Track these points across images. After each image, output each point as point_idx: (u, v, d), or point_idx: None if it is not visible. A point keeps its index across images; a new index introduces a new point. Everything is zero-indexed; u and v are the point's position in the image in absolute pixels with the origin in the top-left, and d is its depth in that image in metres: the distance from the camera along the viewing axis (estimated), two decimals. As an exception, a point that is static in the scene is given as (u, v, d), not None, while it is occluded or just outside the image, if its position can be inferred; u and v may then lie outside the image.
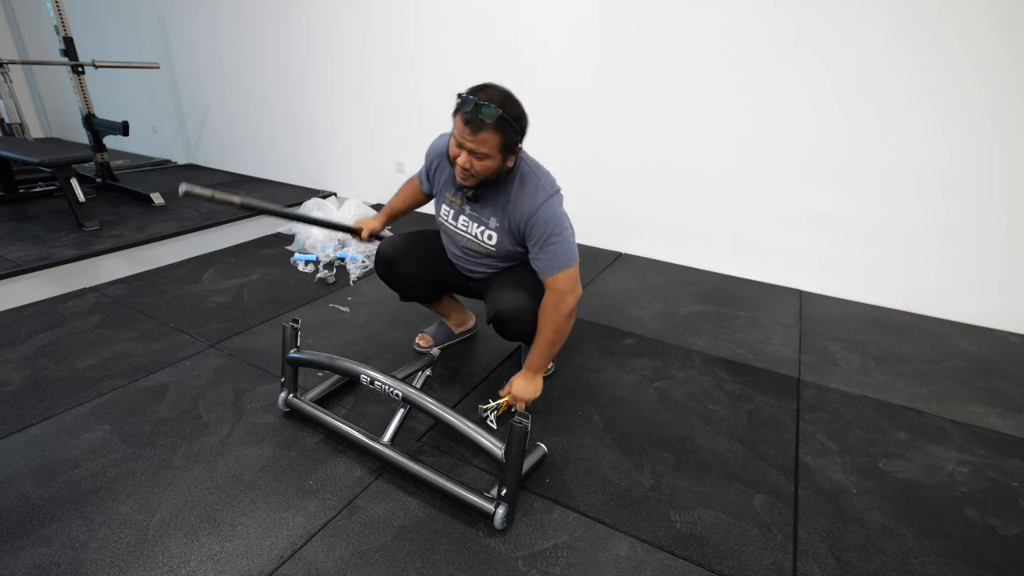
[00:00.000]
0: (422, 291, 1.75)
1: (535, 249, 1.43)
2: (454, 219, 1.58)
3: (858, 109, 2.22)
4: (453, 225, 1.59)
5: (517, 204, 1.42)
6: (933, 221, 2.23)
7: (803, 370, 1.89)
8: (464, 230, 1.57)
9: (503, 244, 1.51)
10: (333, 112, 3.75)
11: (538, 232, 1.40)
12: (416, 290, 1.74)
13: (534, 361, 1.48)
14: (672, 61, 2.51)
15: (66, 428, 1.48)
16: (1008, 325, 2.22)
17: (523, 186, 1.42)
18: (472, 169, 1.33)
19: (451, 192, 1.56)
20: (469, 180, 1.37)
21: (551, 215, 1.40)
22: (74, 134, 5.82)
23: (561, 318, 1.41)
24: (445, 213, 1.61)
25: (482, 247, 1.55)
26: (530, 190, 1.41)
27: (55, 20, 3.45)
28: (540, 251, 1.41)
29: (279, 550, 1.14)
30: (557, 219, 1.41)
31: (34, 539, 1.14)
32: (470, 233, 1.55)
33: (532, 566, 1.12)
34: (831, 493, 1.34)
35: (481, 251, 1.57)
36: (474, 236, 1.55)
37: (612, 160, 2.83)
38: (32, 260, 2.49)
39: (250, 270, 2.60)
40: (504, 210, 1.46)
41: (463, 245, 1.61)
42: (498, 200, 1.46)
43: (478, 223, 1.52)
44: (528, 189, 1.42)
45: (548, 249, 1.40)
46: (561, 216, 1.43)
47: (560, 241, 1.40)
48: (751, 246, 2.63)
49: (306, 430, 1.50)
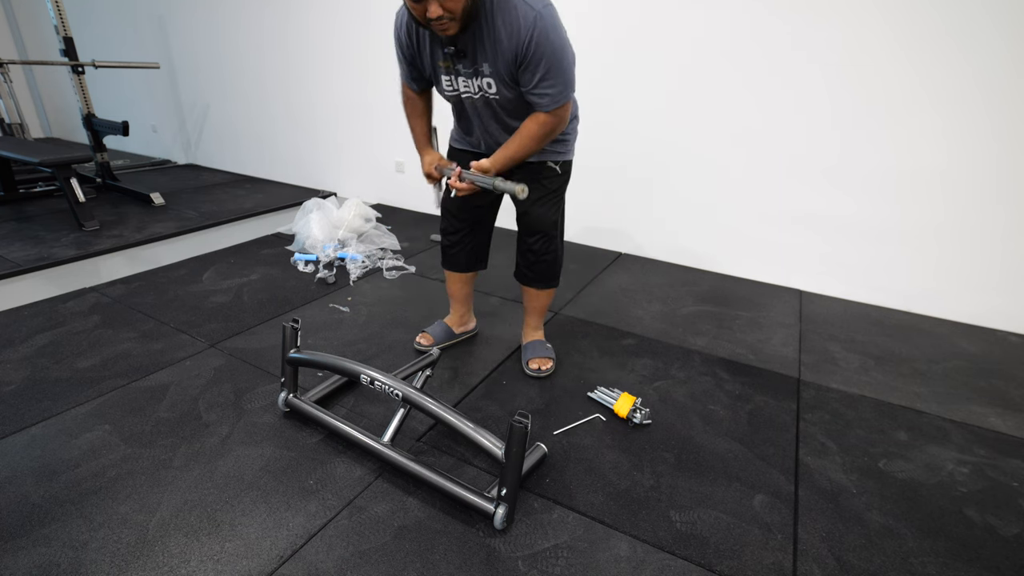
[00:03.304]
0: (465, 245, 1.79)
1: (528, 82, 1.29)
2: (455, 82, 1.44)
3: (857, 109, 2.22)
4: (458, 90, 1.45)
5: (503, 40, 1.26)
6: (933, 221, 2.23)
7: (803, 370, 1.89)
8: (468, 91, 1.43)
9: (503, 92, 1.38)
10: (333, 112, 3.75)
11: (532, 62, 1.26)
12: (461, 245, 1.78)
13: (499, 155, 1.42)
14: (672, 61, 2.51)
15: (66, 428, 1.48)
16: (1008, 325, 2.22)
17: (503, 13, 1.25)
18: (446, 12, 1.19)
19: (440, 58, 1.41)
20: (451, 27, 1.23)
21: (543, 39, 1.23)
22: (74, 134, 5.82)
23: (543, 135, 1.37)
24: (448, 84, 1.46)
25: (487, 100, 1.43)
26: (512, 16, 1.24)
27: (55, 20, 3.45)
28: (535, 86, 1.29)
29: (279, 550, 1.14)
30: (551, 45, 1.24)
31: (34, 539, 1.14)
32: (474, 89, 1.42)
33: (532, 566, 1.12)
34: (831, 493, 1.34)
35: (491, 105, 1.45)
36: (478, 90, 1.41)
37: (612, 160, 2.83)
38: (32, 260, 2.50)
39: (250, 270, 2.60)
40: (492, 51, 1.30)
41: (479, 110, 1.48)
42: (484, 42, 1.30)
43: (475, 76, 1.38)
44: (510, 16, 1.24)
45: (545, 84, 1.28)
46: (557, 39, 1.25)
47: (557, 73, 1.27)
48: (751, 246, 2.63)
49: (306, 430, 1.50)
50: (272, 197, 3.84)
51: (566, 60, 1.30)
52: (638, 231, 2.91)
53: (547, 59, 1.27)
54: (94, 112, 3.74)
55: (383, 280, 2.52)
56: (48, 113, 6.05)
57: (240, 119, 4.33)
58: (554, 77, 1.29)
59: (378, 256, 2.76)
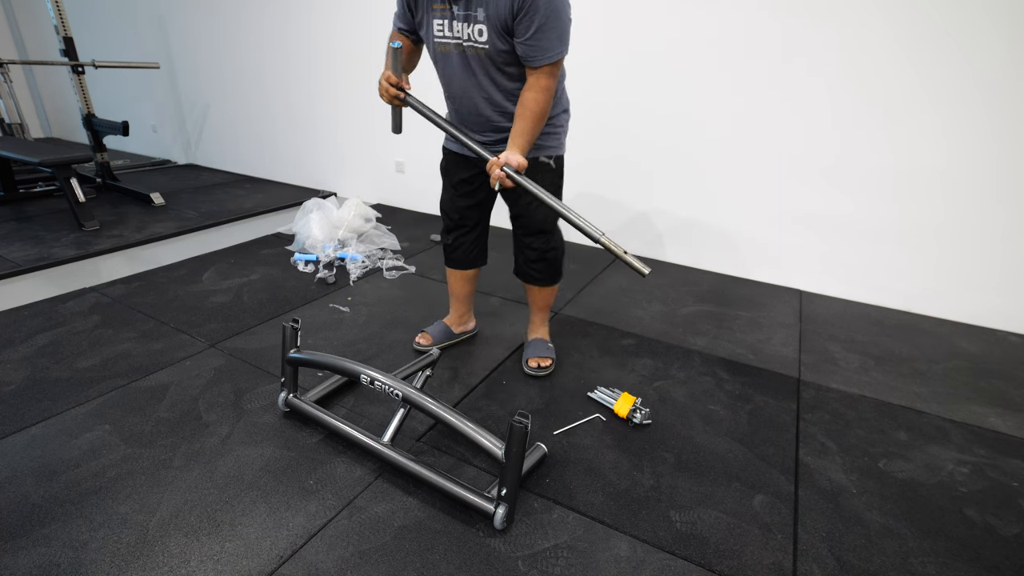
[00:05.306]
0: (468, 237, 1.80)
1: (523, 32, 1.29)
2: (449, 28, 1.41)
3: (856, 108, 2.22)
4: (451, 35, 1.42)
5: None
6: (933, 221, 2.23)
7: (803, 370, 1.89)
8: (459, 34, 1.40)
9: (493, 42, 1.36)
10: (333, 112, 3.75)
11: (530, 12, 1.25)
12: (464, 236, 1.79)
13: (518, 140, 1.40)
14: (672, 62, 2.52)
15: (66, 428, 1.48)
16: (1008, 325, 2.22)
17: None
18: None
19: (437, 2, 1.39)
20: None
21: None
22: (74, 134, 5.82)
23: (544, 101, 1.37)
24: (440, 30, 1.42)
25: (476, 50, 1.40)
26: None
27: (55, 20, 3.45)
28: (531, 36, 1.29)
29: (279, 550, 1.14)
30: None
31: (34, 539, 1.14)
32: (464, 36, 1.40)
33: (532, 566, 1.12)
34: (831, 493, 1.34)
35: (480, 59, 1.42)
36: (468, 38, 1.39)
37: (611, 160, 2.83)
38: (32, 260, 2.50)
39: (250, 270, 2.60)
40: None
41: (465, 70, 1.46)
42: None
43: (469, 21, 1.36)
44: None
45: (540, 35, 1.27)
46: None
47: (554, 26, 1.27)
48: (751, 246, 2.63)
49: (306, 430, 1.50)
50: (272, 197, 3.84)
51: (564, 14, 1.30)
52: (638, 231, 2.91)
53: (544, 10, 1.26)
54: (94, 112, 3.74)
55: (383, 280, 2.52)
56: (48, 113, 6.05)
57: (240, 119, 4.33)
58: (551, 30, 1.28)
59: (378, 256, 2.76)
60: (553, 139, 1.58)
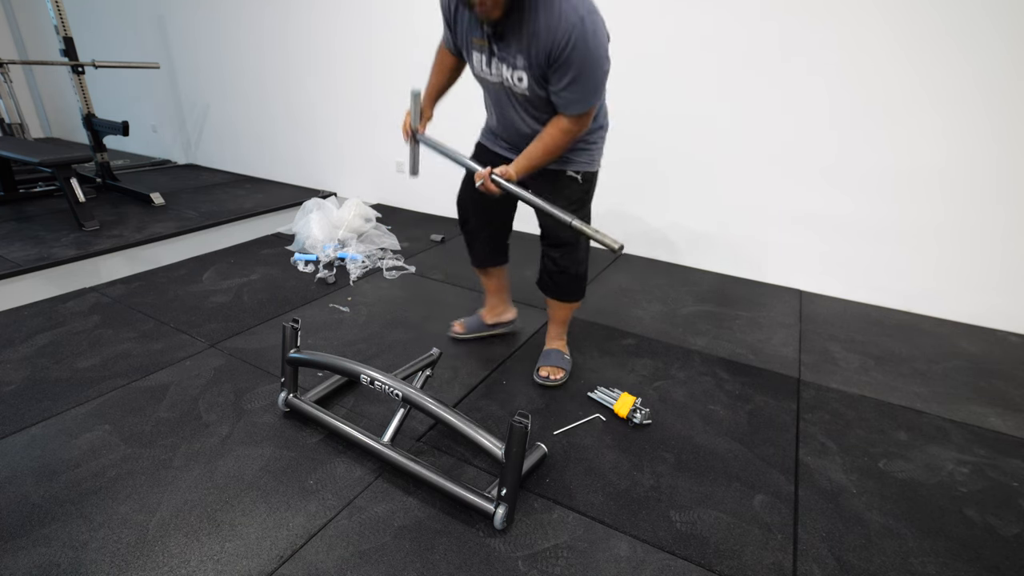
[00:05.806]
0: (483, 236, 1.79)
1: (556, 82, 1.28)
2: (487, 64, 1.41)
3: (856, 108, 2.22)
4: (489, 72, 1.43)
5: (540, 35, 1.24)
6: (933, 220, 2.23)
7: (803, 370, 1.89)
8: (498, 74, 1.41)
9: (533, 89, 1.36)
10: (333, 112, 3.75)
11: (564, 65, 1.24)
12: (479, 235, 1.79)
13: (521, 160, 1.42)
14: (672, 61, 2.51)
15: (66, 428, 1.48)
16: (1008, 325, 2.22)
17: (547, 10, 1.23)
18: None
19: (477, 36, 1.39)
20: (494, 11, 1.23)
21: (580, 43, 1.21)
22: (74, 134, 5.82)
23: (565, 141, 1.38)
24: (478, 63, 1.44)
25: (514, 91, 1.41)
26: (554, 15, 1.22)
27: (55, 20, 3.45)
28: (563, 88, 1.28)
29: (279, 550, 1.14)
30: (587, 52, 1.22)
31: (34, 539, 1.14)
32: (504, 78, 1.40)
33: (532, 566, 1.12)
34: (831, 493, 1.34)
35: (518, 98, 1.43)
36: (507, 81, 1.40)
37: (611, 160, 2.82)
38: (32, 260, 2.50)
39: (250, 270, 2.60)
40: (529, 45, 1.28)
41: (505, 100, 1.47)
42: (522, 33, 1.28)
43: (507, 64, 1.36)
44: (553, 14, 1.22)
45: (572, 88, 1.27)
46: (594, 47, 1.23)
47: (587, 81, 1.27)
48: (751, 246, 2.63)
49: (306, 430, 1.50)
50: (272, 197, 3.84)
51: (599, 70, 1.29)
52: (638, 231, 2.91)
53: (579, 65, 1.25)
54: (94, 112, 3.73)
55: (383, 280, 2.52)
56: (48, 113, 6.05)
57: (240, 119, 4.33)
58: (585, 83, 1.28)
59: (378, 256, 2.76)
60: (584, 155, 1.56)
